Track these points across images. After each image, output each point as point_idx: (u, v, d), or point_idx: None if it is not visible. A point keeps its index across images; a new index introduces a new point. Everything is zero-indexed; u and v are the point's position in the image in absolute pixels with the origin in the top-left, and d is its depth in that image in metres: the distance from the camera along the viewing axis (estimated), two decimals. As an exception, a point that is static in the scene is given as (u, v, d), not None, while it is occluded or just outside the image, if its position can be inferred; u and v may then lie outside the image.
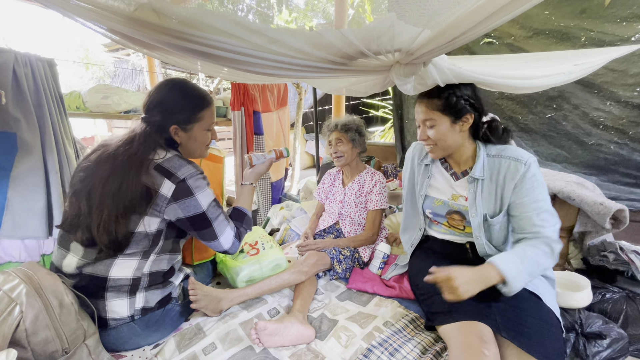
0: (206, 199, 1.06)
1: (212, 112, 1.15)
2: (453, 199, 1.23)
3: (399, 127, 3.25)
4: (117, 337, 1.03)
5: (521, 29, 2.27)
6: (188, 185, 1.01)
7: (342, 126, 1.71)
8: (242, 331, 1.14)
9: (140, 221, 0.99)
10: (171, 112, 1.07)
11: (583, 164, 2.22)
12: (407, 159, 1.44)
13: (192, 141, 1.13)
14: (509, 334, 0.94)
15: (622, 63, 1.93)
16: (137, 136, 1.03)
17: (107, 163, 0.99)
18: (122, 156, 0.99)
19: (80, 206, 0.98)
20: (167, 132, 1.07)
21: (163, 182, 0.98)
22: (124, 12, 0.84)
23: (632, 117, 1.99)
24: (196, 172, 1.04)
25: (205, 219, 1.05)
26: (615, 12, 1.91)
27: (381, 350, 1.05)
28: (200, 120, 1.11)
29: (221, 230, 1.10)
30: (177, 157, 1.04)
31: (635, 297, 1.27)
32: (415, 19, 0.84)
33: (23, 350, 0.78)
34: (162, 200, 0.99)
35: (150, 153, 1.02)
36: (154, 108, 1.07)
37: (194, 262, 1.44)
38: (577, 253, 1.67)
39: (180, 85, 1.10)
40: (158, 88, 1.09)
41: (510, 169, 1.10)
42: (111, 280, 0.99)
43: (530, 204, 1.06)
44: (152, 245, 1.03)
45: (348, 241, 1.65)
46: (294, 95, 4.49)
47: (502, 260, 0.98)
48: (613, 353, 1.07)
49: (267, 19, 7.23)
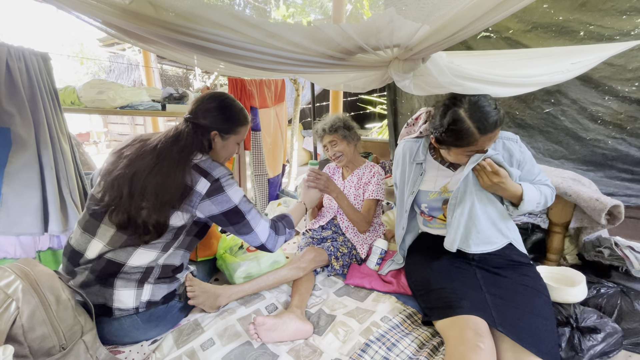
0: (237, 195, 1.12)
1: (247, 129, 1.28)
2: (442, 191, 1.27)
3: (392, 122, 3.21)
4: (118, 328, 1.04)
5: (519, 23, 2.24)
6: (221, 184, 1.08)
7: (329, 128, 1.69)
8: (240, 327, 1.14)
9: (172, 214, 1.04)
10: (219, 120, 1.17)
11: (580, 159, 2.22)
12: (397, 156, 1.44)
13: (224, 149, 1.24)
14: (504, 327, 0.96)
15: (620, 57, 1.91)
16: (184, 134, 1.12)
17: (152, 154, 1.06)
18: (169, 150, 1.07)
19: (122, 190, 1.02)
20: (208, 135, 1.16)
21: (199, 180, 1.05)
22: (119, 4, 0.83)
23: (630, 112, 1.98)
24: (228, 173, 1.12)
25: (239, 212, 1.11)
26: (615, 5, 1.88)
27: (379, 345, 1.06)
28: (237, 133, 1.23)
29: (256, 223, 1.15)
30: (210, 160, 1.13)
31: (629, 292, 1.28)
32: (414, 14, 0.83)
33: (20, 347, 0.78)
34: (197, 197, 1.05)
35: (195, 151, 1.11)
36: (203, 113, 1.16)
37: (197, 259, 1.46)
38: (572, 248, 1.69)
39: (230, 100, 1.22)
40: (212, 98, 1.19)
41: (507, 146, 1.21)
42: (127, 267, 1.03)
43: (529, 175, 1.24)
44: (174, 239, 1.09)
45: (350, 206, 1.61)
46: (291, 91, 4.47)
47: (527, 187, 1.16)
48: (607, 347, 1.08)
49: (264, 14, 7.18)
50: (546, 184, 1.27)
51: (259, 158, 2.73)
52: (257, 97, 2.66)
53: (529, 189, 1.17)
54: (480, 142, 1.07)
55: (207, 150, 1.18)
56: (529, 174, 1.23)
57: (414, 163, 1.34)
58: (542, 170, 1.27)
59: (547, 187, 1.26)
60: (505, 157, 1.21)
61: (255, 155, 2.71)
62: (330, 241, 1.65)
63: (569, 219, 1.57)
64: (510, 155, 1.21)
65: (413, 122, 1.43)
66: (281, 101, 3.05)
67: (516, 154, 1.21)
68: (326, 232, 1.77)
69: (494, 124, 1.05)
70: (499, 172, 1.10)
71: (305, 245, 1.67)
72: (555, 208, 1.58)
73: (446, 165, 1.28)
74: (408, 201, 1.35)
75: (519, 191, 1.15)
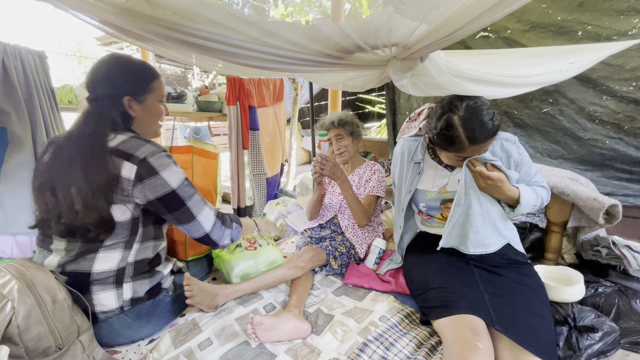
0: (175, 177, 1.00)
1: (162, 83, 1.11)
2: (440, 191, 1.27)
3: (391, 121, 3.22)
4: (109, 330, 1.02)
5: (518, 23, 2.25)
6: (150, 164, 0.95)
7: (338, 122, 1.70)
8: (238, 326, 1.14)
9: (113, 209, 0.95)
10: (122, 83, 1.01)
11: (578, 159, 2.23)
12: (395, 155, 1.44)
13: (149, 113, 1.07)
14: (502, 326, 0.96)
15: (618, 58, 1.92)
16: (88, 115, 0.98)
17: (63, 151, 0.95)
18: (79, 142, 0.94)
19: (46, 201, 0.95)
20: (120, 104, 1.01)
21: (122, 165, 0.93)
22: (116, 2, 0.82)
23: (628, 112, 1.99)
24: (158, 150, 0.98)
25: (177, 197, 1.00)
26: (614, 5, 1.89)
27: (377, 345, 1.05)
28: (153, 90, 1.06)
29: (198, 210, 1.04)
30: (134, 138, 0.98)
31: (627, 291, 1.28)
32: (413, 12, 0.83)
33: (15, 347, 0.77)
34: (127, 184, 0.94)
35: (108, 132, 0.96)
36: (103, 82, 0.99)
37: (188, 258, 1.42)
38: (570, 248, 1.69)
39: (126, 57, 1.05)
40: (102, 62, 1.01)
41: (505, 147, 1.21)
42: (95, 274, 0.97)
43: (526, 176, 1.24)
44: (132, 234, 1.00)
45: (354, 196, 1.58)
46: (290, 91, 4.46)
47: (524, 190, 1.17)
48: (605, 346, 1.09)
49: (262, 13, 7.16)
50: (542, 185, 1.28)
51: (257, 157, 2.72)
52: (255, 96, 2.65)
53: (526, 192, 1.18)
54: (469, 151, 1.08)
55: (125, 125, 1.03)
56: (526, 175, 1.24)
57: (412, 162, 1.34)
58: (538, 171, 1.28)
59: (543, 189, 1.27)
60: (503, 158, 1.21)
61: (253, 155, 2.70)
62: (328, 240, 1.64)
63: (567, 218, 1.57)
64: (508, 156, 1.21)
65: (415, 117, 1.43)
66: (280, 100, 3.05)
67: (514, 155, 1.21)
68: (325, 231, 1.77)
69: (485, 135, 1.05)
70: (492, 176, 1.11)
71: (303, 244, 1.67)
72: (553, 207, 1.58)
73: (444, 165, 1.28)
74: (405, 200, 1.35)
75: (516, 194, 1.15)
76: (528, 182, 1.25)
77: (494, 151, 1.21)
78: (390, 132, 3.26)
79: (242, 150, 2.64)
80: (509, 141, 1.23)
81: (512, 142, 1.23)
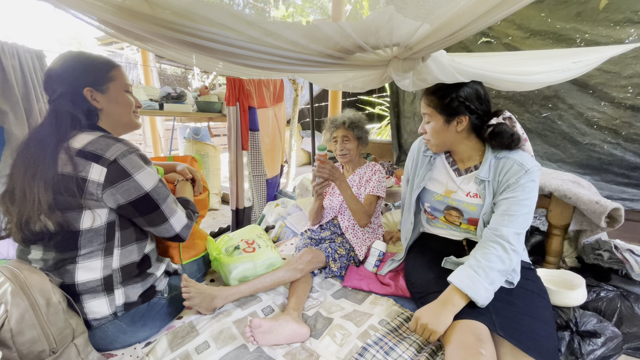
0: (148, 179, 0.95)
1: (123, 72, 1.03)
2: (446, 194, 1.25)
3: (395, 124, 3.26)
4: (103, 337, 1.00)
5: (518, 30, 2.29)
6: (122, 166, 0.90)
7: (350, 123, 1.67)
8: (236, 329, 1.12)
9: (80, 217, 0.90)
10: (79, 74, 0.95)
11: (577, 163, 2.24)
12: (411, 150, 1.44)
13: (114, 104, 1.00)
14: (504, 331, 0.94)
15: (615, 65, 1.97)
16: (46, 117, 0.93)
17: (20, 158, 0.90)
18: (40, 147, 0.88)
19: (10, 211, 0.91)
20: (82, 98, 0.95)
21: (91, 167, 0.87)
22: (114, 1, 0.81)
23: (625, 118, 2.02)
24: (129, 150, 0.93)
25: (151, 200, 0.96)
26: (609, 16, 1.94)
27: (376, 349, 1.04)
28: (114, 79, 1.00)
29: (171, 212, 1.02)
30: (102, 138, 0.92)
31: (629, 296, 1.27)
32: (414, 12, 0.82)
33: (8, 351, 0.76)
34: (95, 188, 0.88)
35: (67, 132, 0.91)
36: (57, 80, 0.93)
37: (182, 262, 1.38)
38: (572, 251, 1.68)
39: (79, 52, 1.00)
40: (55, 61, 0.96)
41: (512, 170, 1.10)
42: (80, 285, 0.93)
43: (510, 204, 1.07)
44: (108, 240, 0.95)
45: (353, 196, 1.57)
46: (290, 92, 4.45)
47: (458, 277, 1.00)
48: (607, 351, 1.07)
49: (263, 14, 7.17)
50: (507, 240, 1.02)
51: (257, 158, 2.71)
52: (255, 97, 2.64)
53: (462, 280, 0.99)
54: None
55: (91, 122, 0.97)
56: (507, 202, 1.07)
57: (427, 156, 1.34)
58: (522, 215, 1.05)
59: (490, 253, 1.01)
60: (491, 175, 1.13)
61: (253, 156, 2.69)
62: (328, 242, 1.63)
63: (569, 221, 1.56)
64: (498, 173, 1.12)
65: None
66: (280, 101, 3.04)
67: (510, 177, 1.08)
68: (325, 232, 1.76)
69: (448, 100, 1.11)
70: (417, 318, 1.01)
71: (302, 246, 1.65)
72: (554, 210, 1.57)
73: (454, 168, 1.27)
74: (414, 194, 1.35)
75: (457, 298, 0.99)
76: (503, 205, 1.08)
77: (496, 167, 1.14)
78: (394, 134, 3.28)
79: (242, 151, 2.63)
80: (519, 165, 1.09)
81: (523, 171, 1.08)
